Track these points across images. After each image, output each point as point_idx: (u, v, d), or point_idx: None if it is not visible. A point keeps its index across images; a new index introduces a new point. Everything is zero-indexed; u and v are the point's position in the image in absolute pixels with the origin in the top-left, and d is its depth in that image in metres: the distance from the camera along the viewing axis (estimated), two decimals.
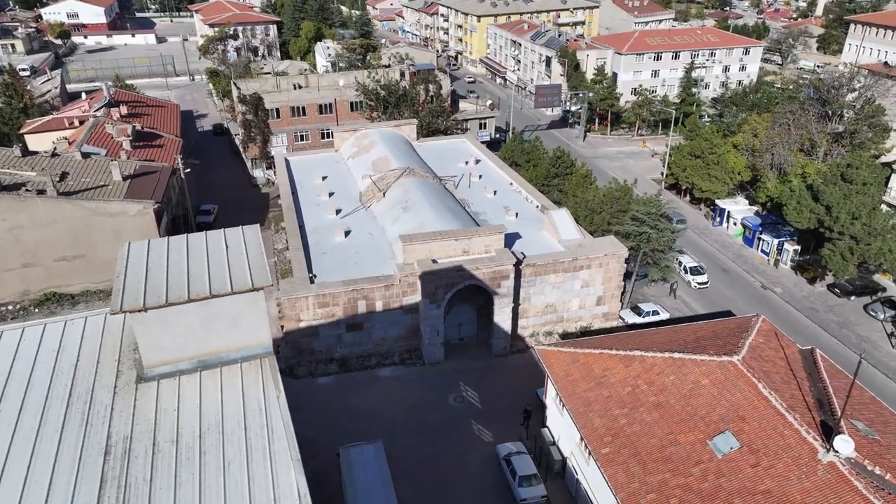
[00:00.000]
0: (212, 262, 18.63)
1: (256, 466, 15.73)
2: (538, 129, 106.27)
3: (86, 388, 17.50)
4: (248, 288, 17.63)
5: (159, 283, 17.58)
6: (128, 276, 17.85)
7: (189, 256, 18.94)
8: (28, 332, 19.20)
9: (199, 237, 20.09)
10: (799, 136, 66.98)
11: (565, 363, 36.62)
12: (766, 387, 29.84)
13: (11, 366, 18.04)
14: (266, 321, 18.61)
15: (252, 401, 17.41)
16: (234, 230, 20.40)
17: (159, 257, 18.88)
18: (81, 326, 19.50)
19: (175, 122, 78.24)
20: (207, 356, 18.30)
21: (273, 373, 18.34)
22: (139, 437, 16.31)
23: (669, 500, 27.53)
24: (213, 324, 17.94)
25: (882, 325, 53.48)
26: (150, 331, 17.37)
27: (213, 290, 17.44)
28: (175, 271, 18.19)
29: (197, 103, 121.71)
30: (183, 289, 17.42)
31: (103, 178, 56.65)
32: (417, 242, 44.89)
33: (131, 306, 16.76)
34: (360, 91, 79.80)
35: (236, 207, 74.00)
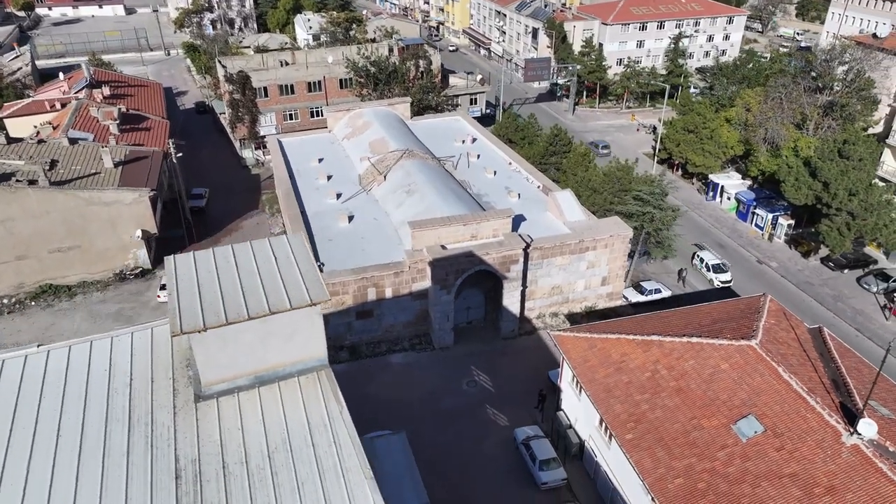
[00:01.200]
0: (264, 276, 18.28)
1: (331, 485, 15.72)
2: (526, 102, 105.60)
3: (145, 409, 17.21)
4: (307, 303, 17.37)
5: (215, 301, 17.22)
6: (180, 293, 17.43)
7: (239, 269, 18.56)
8: (75, 350, 18.73)
9: (245, 248, 19.66)
10: (791, 110, 67.50)
11: (582, 349, 37.02)
12: (786, 371, 30.55)
13: (65, 387, 17.65)
14: (322, 333, 18.40)
15: (316, 416, 17.31)
16: (280, 239, 19.97)
17: (209, 271, 18.46)
18: (129, 343, 19.09)
19: (160, 103, 76.10)
20: (264, 371, 18.08)
21: (332, 386, 18.22)
22: (207, 458, 16.14)
23: (697, 484, 28.28)
24: (271, 339, 17.69)
25: (875, 297, 54.89)
26: (208, 350, 17.06)
27: (271, 306, 17.14)
28: (228, 286, 17.82)
29: (175, 80, 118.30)
30: (241, 306, 17.09)
31: (94, 165, 55.09)
32: (426, 228, 44.62)
33: (191, 327, 16.41)
34: (350, 68, 78.17)
35: (227, 190, 72.70)
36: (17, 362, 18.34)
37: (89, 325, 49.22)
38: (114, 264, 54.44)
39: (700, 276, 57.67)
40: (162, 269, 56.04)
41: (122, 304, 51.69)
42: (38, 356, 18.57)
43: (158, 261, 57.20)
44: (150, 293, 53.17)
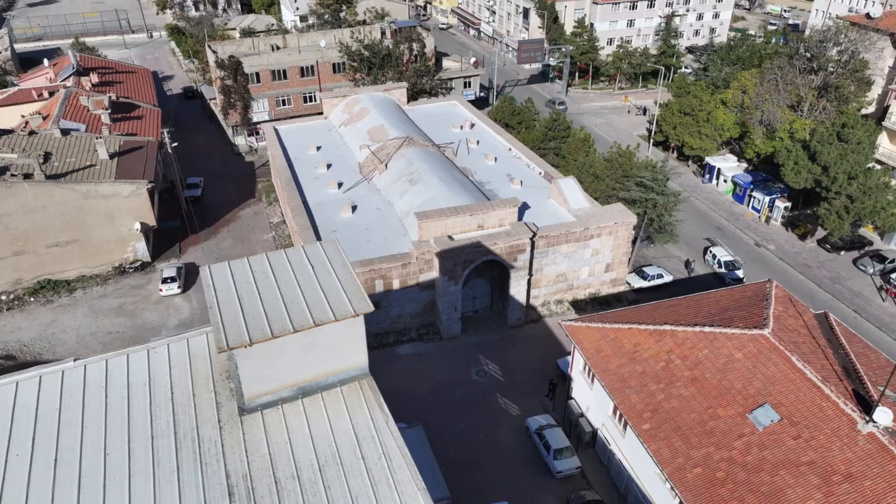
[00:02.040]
0: (303, 286, 18.11)
1: (384, 499, 15.79)
2: (518, 84, 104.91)
3: (189, 423, 17.08)
4: (350, 314, 17.26)
5: (258, 314, 17.05)
6: (222, 307, 17.23)
7: (277, 280, 18.37)
8: (112, 363, 18.48)
9: (280, 256, 19.44)
10: (788, 92, 67.74)
11: (595, 339, 37.31)
12: (800, 359, 31.06)
13: (106, 402, 17.45)
14: (364, 342, 18.34)
15: (362, 428, 17.31)
16: (314, 247, 19.77)
17: (246, 282, 18.25)
18: (166, 355, 18.86)
19: (149, 90, 74.54)
20: (307, 382, 18.02)
21: (375, 395, 18.20)
22: (258, 474, 16.11)
23: (715, 473, 28.81)
24: (313, 351, 17.59)
25: (871, 279, 55.80)
26: (252, 363, 16.93)
27: (315, 318, 17.01)
28: (269, 298, 17.64)
29: (160, 63, 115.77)
30: (284, 319, 16.94)
31: (89, 156, 54.01)
32: (433, 219, 44.44)
33: (237, 342, 16.25)
34: (343, 53, 76.98)
35: (222, 178, 71.72)
36: (54, 378, 18.09)
37: (91, 320, 48.65)
38: (113, 258, 53.68)
39: (712, 272, 56.17)
40: (161, 262, 55.48)
41: (123, 299, 51.09)
42: (75, 371, 18.32)
43: (158, 253, 56.55)
44: (151, 287, 52.58)
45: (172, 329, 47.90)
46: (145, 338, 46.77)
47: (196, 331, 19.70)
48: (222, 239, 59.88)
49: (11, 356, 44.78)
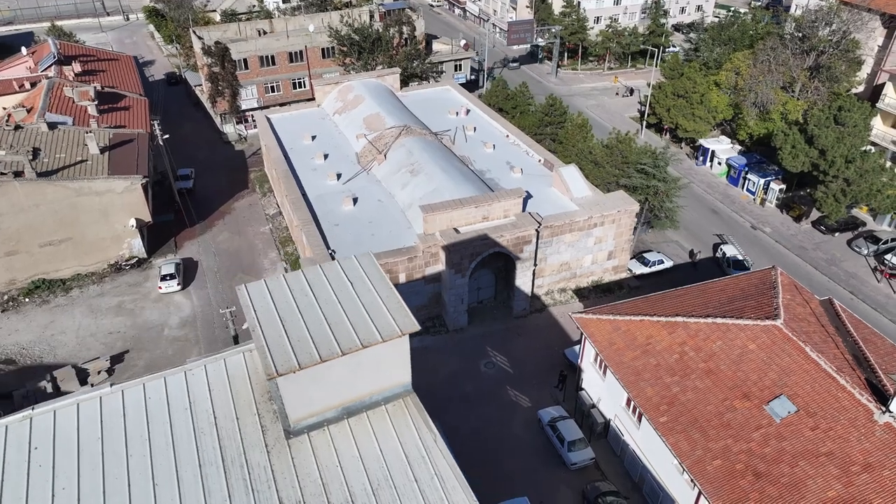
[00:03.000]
0: (345, 305, 17.80)
1: None
2: (507, 66, 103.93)
3: (236, 449, 16.81)
4: (397, 335, 17.03)
5: (304, 338, 16.73)
6: (265, 330, 16.87)
7: (317, 298, 18.02)
8: (150, 387, 18.07)
9: (317, 273, 19.06)
10: (781, 73, 67.88)
11: (607, 331, 37.49)
12: (813, 350, 31.49)
13: (148, 429, 17.08)
14: (408, 360, 18.14)
15: (412, 448, 17.18)
16: (349, 261, 19.41)
17: (286, 302, 17.88)
18: (203, 376, 18.49)
19: (134, 78, 72.47)
20: (351, 402, 17.80)
21: (420, 413, 18.06)
22: (312, 500, 15.94)
23: (735, 465, 29.26)
24: (359, 371, 17.37)
25: (866, 260, 56.66)
26: (298, 387, 16.66)
27: (362, 340, 16.75)
28: (312, 319, 17.31)
29: (139, 48, 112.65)
30: (331, 342, 16.65)
31: (79, 151, 52.60)
32: (438, 212, 44.03)
33: (286, 368, 15.94)
34: (332, 37, 75.45)
35: (213, 169, 70.38)
36: (92, 404, 17.66)
37: (90, 321, 47.75)
38: (108, 255, 52.60)
39: (716, 264, 55.61)
40: (158, 258, 54.50)
41: (121, 297, 50.17)
42: (112, 396, 17.90)
43: (153, 249, 55.50)
44: (149, 284, 51.67)
45: (175, 327, 47.26)
46: (148, 337, 46.18)
47: (232, 350, 19.33)
48: (218, 232, 58.93)
49: (11, 360, 43.86)
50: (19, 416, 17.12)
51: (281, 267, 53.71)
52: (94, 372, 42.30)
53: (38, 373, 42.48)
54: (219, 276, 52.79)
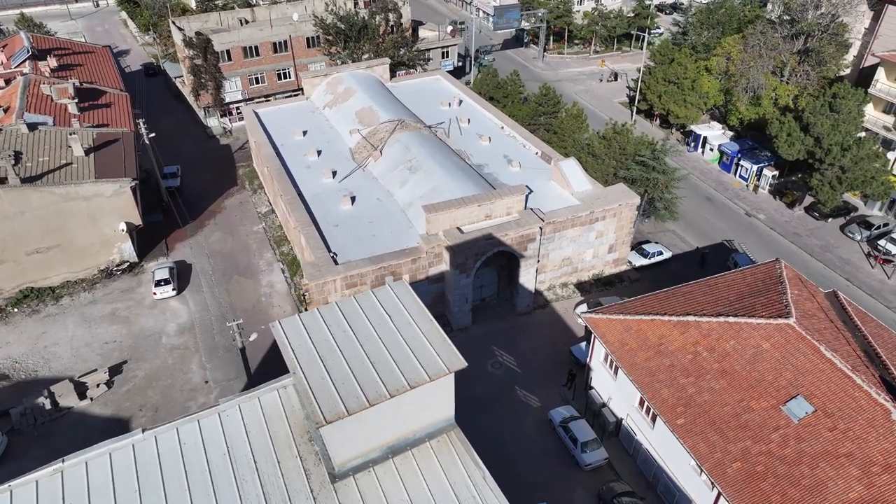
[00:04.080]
0: (387, 342, 17.17)
1: None
2: (492, 50, 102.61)
3: (281, 496, 16.21)
4: (444, 373, 16.47)
5: (348, 380, 16.08)
6: (307, 372, 16.19)
7: (357, 334, 17.36)
8: (184, 431, 17.33)
9: (351, 305, 18.36)
10: (771, 58, 67.79)
11: (618, 331, 37.34)
12: (828, 349, 31.65)
13: (187, 477, 16.38)
14: (452, 394, 17.63)
15: (461, 487, 16.75)
16: (384, 291, 18.73)
17: (325, 339, 17.19)
18: (238, 417, 17.79)
19: (113, 72, 69.96)
20: (395, 441, 17.25)
21: (465, 448, 17.61)
22: None
23: (755, 467, 29.42)
24: (403, 409, 16.81)
25: (859, 245, 57.27)
26: (342, 431, 16.06)
27: (409, 381, 16.17)
28: (354, 358, 16.67)
29: (112, 36, 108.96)
30: (377, 383, 16.04)
31: (63, 154, 50.72)
32: (441, 211, 43.30)
33: (334, 415, 15.32)
34: (318, 26, 73.52)
35: (199, 165, 68.53)
36: (125, 453, 16.92)
37: (84, 330, 46.38)
38: (98, 261, 51.04)
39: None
40: (149, 261, 53.10)
41: (115, 304, 48.79)
42: (146, 443, 17.13)
43: (144, 252, 54.01)
44: (142, 290, 50.31)
45: (173, 335, 46.14)
46: (145, 346, 45.04)
47: (265, 387, 18.62)
48: (210, 233, 57.51)
49: (5, 375, 42.47)
50: (49, 471, 16.30)
51: (278, 268, 52.64)
52: (92, 385, 41.17)
53: (34, 388, 41.20)
54: (214, 280, 51.58)
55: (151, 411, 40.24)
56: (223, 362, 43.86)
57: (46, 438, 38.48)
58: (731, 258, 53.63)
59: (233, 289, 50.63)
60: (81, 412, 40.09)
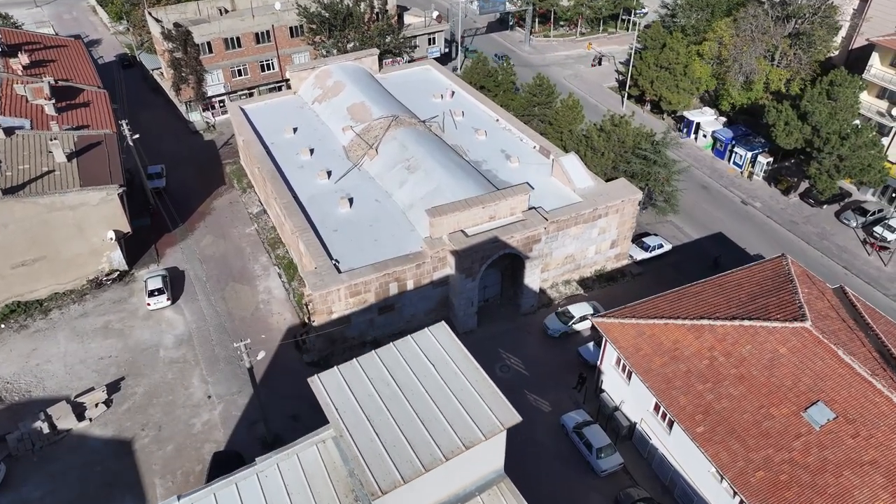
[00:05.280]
0: (435, 397, 16.32)
1: None
2: (477, 33, 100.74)
3: None
4: (498, 430, 15.70)
5: (399, 443, 15.24)
6: (356, 437, 15.30)
7: (401, 388, 16.48)
8: (222, 496, 16.37)
9: (392, 353, 17.45)
10: (763, 42, 67.25)
11: (631, 336, 36.94)
12: (846, 353, 31.57)
13: None
14: (503, 447, 16.89)
15: None
16: (424, 336, 17.85)
17: (368, 396, 16.30)
18: (278, 478, 16.88)
19: (88, 67, 66.94)
20: (447, 499, 16.52)
21: (517, 499, 16.95)
22: None
23: (779, 476, 29.36)
24: (455, 468, 16.03)
25: (854, 232, 57.55)
26: (394, 497, 15.25)
27: (463, 441, 15.37)
28: (402, 418, 15.81)
29: (81, 24, 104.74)
30: (431, 446, 15.24)
31: (44, 160, 48.51)
32: (445, 215, 42.28)
33: (388, 485, 14.50)
34: (301, 15, 71.11)
35: (183, 163, 66.30)
36: None
37: (77, 346, 44.77)
38: (86, 271, 49.19)
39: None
40: (140, 268, 51.44)
41: (107, 317, 47.14)
42: None
43: (133, 259, 52.21)
44: (134, 300, 48.65)
45: (170, 348, 44.77)
46: (143, 360, 43.69)
47: (303, 442, 17.68)
48: (201, 236, 55.77)
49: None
50: None
51: (274, 272, 51.28)
52: (90, 405, 39.79)
53: (29, 410, 39.71)
54: (209, 287, 50.09)
55: (154, 430, 39.10)
56: (225, 375, 42.70)
57: (47, 463, 37.19)
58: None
59: (229, 296, 49.22)
60: (81, 434, 38.77)
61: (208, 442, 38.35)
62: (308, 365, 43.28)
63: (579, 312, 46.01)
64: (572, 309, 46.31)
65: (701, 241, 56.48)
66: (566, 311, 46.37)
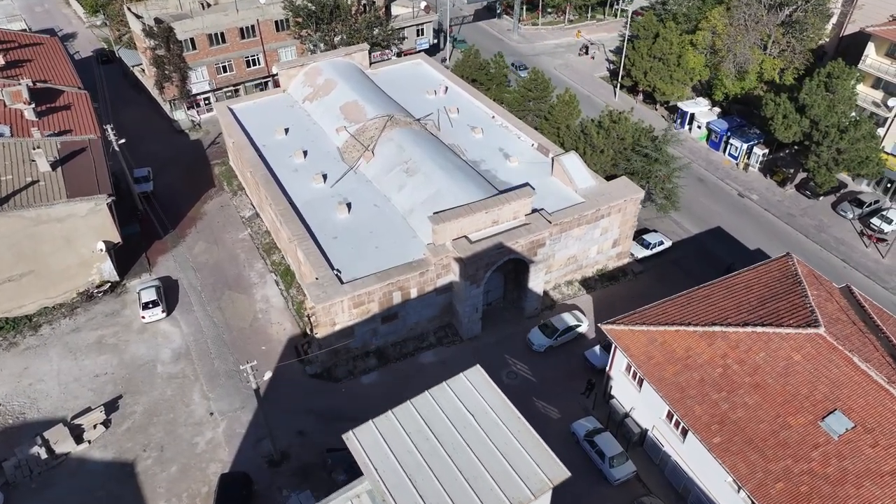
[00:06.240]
0: (476, 450, 15.58)
1: None
2: (464, 22, 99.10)
3: None
4: (547, 487, 15.02)
5: None
6: (397, 498, 14.53)
7: (443, 444, 15.71)
8: None
9: (428, 402, 16.66)
10: (757, 31, 66.70)
11: (642, 343, 36.51)
12: (862, 359, 31.40)
13: None
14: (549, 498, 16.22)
15: None
16: (460, 382, 17.08)
17: (409, 453, 15.50)
18: None
19: (66, 67, 64.48)
20: None
21: None
22: None
23: (799, 487, 29.21)
24: None
25: (851, 224, 57.63)
26: None
27: (511, 501, 14.68)
28: (446, 476, 15.05)
29: (54, 17, 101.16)
30: None
31: (26, 169, 46.65)
32: (448, 221, 41.36)
33: None
34: (286, 8, 69.08)
35: (170, 165, 64.38)
36: None
37: (70, 363, 43.36)
38: (76, 283, 47.61)
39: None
40: (131, 278, 50.02)
41: (100, 331, 45.71)
42: None
43: (124, 269, 50.64)
44: (127, 312, 47.24)
45: (168, 362, 43.55)
46: (140, 377, 42.57)
47: (338, 498, 16.86)
48: (193, 243, 54.26)
49: None
50: None
51: (271, 280, 50.09)
52: (89, 426, 38.61)
53: (24, 433, 38.41)
54: (204, 296, 48.78)
55: (157, 451, 38.06)
56: (226, 390, 41.67)
57: (46, 489, 36.06)
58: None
59: (225, 305, 48.00)
60: (80, 457, 37.62)
61: (213, 462, 37.42)
62: (311, 377, 42.43)
63: (563, 324, 44.82)
64: (555, 321, 45.15)
65: (700, 237, 56.23)
66: (549, 323, 45.11)
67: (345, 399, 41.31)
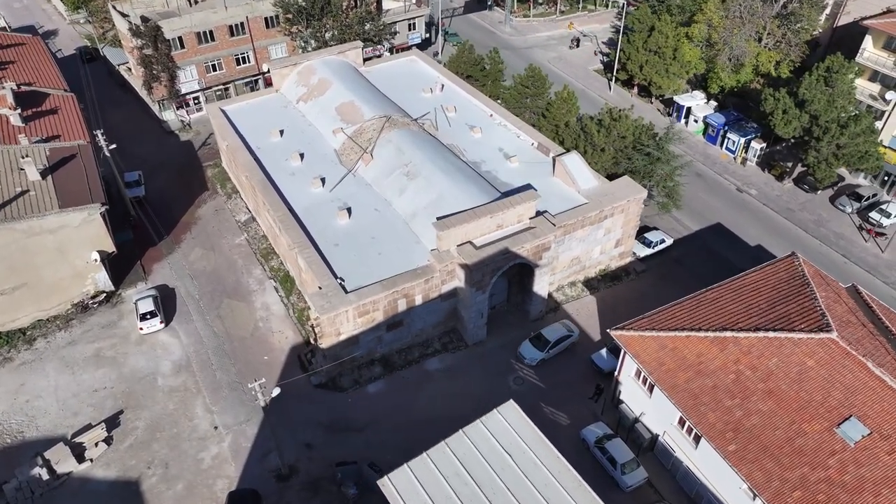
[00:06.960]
0: (515, 491, 15.08)
1: None
2: (454, 14, 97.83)
3: None
4: None
5: None
6: None
7: (480, 486, 15.20)
8: None
9: (463, 443, 16.12)
10: (753, 23, 66.31)
11: (653, 350, 36.20)
12: (876, 365, 31.29)
13: None
14: None
15: None
16: (495, 420, 16.55)
17: (447, 497, 14.97)
18: None
19: (51, 67, 62.57)
20: None
21: None
22: None
23: (816, 496, 29.11)
24: None
25: (850, 218, 57.68)
26: None
27: None
28: None
29: (33, 13, 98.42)
30: None
31: (15, 179, 45.30)
32: (453, 227, 40.69)
33: None
34: (276, 4, 67.60)
35: (161, 168, 62.98)
36: None
37: (68, 378, 42.34)
38: (70, 295, 46.47)
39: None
40: (127, 287, 48.92)
41: (97, 343, 44.69)
42: None
43: (119, 278, 49.52)
44: (124, 323, 46.21)
45: (168, 375, 42.69)
46: (140, 390, 41.70)
47: None
48: (188, 249, 53.15)
49: None
50: None
51: (270, 286, 49.21)
52: (90, 444, 37.75)
53: (23, 453, 37.48)
54: (203, 305, 47.82)
55: (161, 468, 37.32)
56: (230, 403, 40.93)
57: None
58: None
59: (225, 314, 47.11)
60: (83, 476, 36.82)
61: (220, 478, 36.76)
62: (316, 387, 41.79)
63: (554, 336, 43.99)
64: (546, 333, 44.31)
65: (701, 233, 56.03)
66: (539, 335, 44.30)
67: (351, 409, 40.73)
